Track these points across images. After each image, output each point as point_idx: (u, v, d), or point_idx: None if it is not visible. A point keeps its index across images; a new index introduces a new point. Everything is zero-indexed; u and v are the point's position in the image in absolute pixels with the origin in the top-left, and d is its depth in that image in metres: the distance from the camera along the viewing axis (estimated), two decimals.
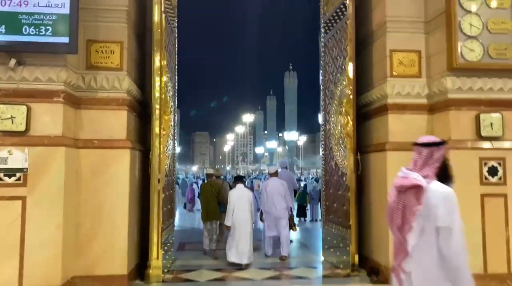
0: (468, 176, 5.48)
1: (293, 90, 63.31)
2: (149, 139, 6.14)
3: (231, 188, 8.23)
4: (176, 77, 7.41)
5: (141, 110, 6.58)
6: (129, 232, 5.64)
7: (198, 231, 10.41)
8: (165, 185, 6.39)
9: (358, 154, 6.40)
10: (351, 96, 6.39)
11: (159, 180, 6.01)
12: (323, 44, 7.65)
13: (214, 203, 8.11)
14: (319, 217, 20.13)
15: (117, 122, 5.68)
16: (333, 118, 7.17)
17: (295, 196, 12.57)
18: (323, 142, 7.66)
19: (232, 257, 7.04)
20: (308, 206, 19.86)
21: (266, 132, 78.25)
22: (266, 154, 77.32)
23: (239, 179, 7.88)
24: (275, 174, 8.23)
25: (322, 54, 7.67)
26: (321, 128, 7.74)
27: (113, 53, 5.71)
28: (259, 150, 79.78)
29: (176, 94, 7.32)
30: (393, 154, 5.84)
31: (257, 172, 71.17)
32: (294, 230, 7.94)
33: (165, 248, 6.39)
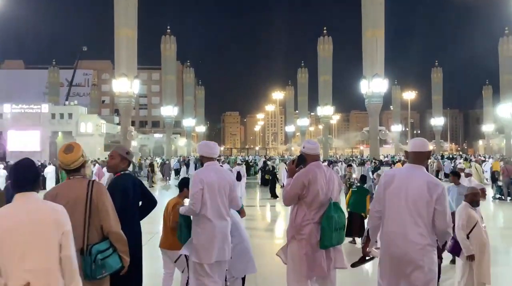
0: None
1: (328, 59, 52.61)
2: None
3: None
4: None
5: None
6: None
7: None
8: None
9: None
10: None
11: None
12: None
13: None
14: None
15: None
16: None
17: None
18: None
19: None
20: None
21: (297, 111, 69.01)
22: (298, 133, 68.91)
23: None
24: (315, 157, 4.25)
25: None
26: None
27: None
28: (290, 128, 71.10)
29: None
30: None
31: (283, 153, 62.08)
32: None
33: None
